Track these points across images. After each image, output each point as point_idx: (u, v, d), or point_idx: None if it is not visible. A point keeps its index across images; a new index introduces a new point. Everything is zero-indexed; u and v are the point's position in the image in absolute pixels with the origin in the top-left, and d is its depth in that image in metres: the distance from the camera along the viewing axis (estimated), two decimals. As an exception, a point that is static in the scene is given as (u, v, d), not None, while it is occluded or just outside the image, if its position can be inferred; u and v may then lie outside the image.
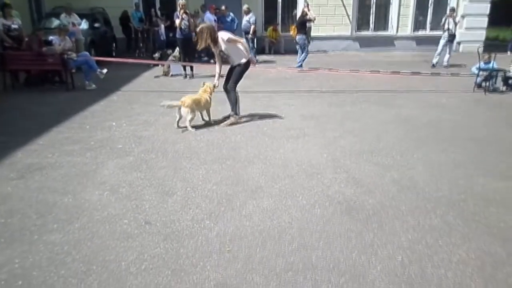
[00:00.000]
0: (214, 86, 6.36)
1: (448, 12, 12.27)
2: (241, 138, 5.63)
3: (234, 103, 6.30)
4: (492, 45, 12.68)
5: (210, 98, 6.25)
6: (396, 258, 2.97)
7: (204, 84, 6.39)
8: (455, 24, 11.94)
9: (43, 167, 4.61)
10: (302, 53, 11.39)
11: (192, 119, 5.94)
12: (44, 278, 2.74)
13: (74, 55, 8.94)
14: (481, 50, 9.18)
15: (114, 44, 14.18)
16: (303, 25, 11.53)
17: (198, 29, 6.05)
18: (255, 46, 13.38)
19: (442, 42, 12.12)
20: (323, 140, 5.57)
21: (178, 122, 6.04)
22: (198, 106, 6.07)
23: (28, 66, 9.00)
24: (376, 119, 6.64)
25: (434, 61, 12.18)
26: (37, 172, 4.47)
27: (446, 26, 11.93)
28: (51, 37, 9.53)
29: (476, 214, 3.59)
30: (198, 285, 2.68)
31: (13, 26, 9.43)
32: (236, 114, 6.34)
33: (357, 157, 4.94)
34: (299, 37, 11.42)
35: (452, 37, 11.95)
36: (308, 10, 11.44)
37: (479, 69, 8.88)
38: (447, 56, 12.11)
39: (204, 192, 4.00)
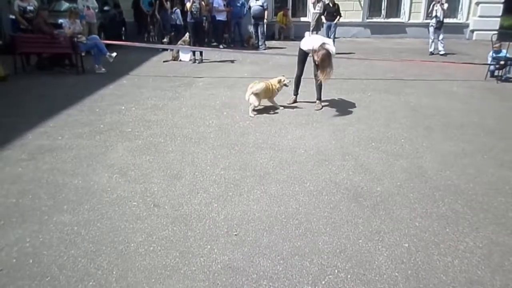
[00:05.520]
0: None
1: None
2: (250, 124, 5.63)
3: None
4: (506, 34, 12.44)
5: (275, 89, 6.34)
6: (403, 245, 2.98)
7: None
8: (443, 11, 11.67)
9: (53, 149, 4.66)
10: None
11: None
12: (54, 257, 2.80)
13: (83, 38, 8.94)
14: (494, 38, 9.02)
15: (123, 28, 14.15)
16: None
17: (322, 58, 5.79)
18: (265, 32, 13.21)
19: (431, 29, 11.90)
20: (331, 127, 5.55)
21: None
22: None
23: (38, 49, 8.99)
24: (385, 106, 6.59)
25: (431, 49, 11.99)
26: (48, 154, 4.52)
27: (434, 13, 11.70)
28: (61, 20, 9.53)
29: (485, 204, 3.57)
30: (206, 267, 2.72)
31: (29, 8, 9.41)
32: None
33: (365, 144, 4.92)
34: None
35: (440, 24, 11.68)
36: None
37: (492, 57, 8.74)
38: (440, 44, 11.86)
39: (212, 177, 4.03)
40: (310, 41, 6.21)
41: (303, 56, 6.45)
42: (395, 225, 3.23)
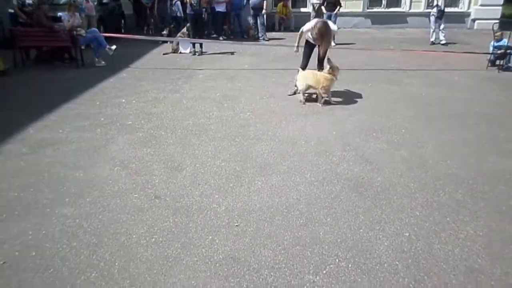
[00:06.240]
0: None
1: None
2: (250, 116, 5.63)
3: None
4: (508, 23, 12.34)
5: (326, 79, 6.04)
6: (404, 234, 2.99)
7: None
8: (444, 0, 11.59)
9: (54, 143, 4.66)
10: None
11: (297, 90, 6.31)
12: (56, 249, 2.81)
13: (83, 31, 8.90)
14: (496, 27, 8.96)
15: (123, 21, 14.09)
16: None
17: (320, 31, 5.88)
18: (265, 22, 13.13)
19: (432, 19, 11.83)
20: (332, 117, 5.54)
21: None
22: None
23: (37, 43, 8.95)
24: (386, 97, 6.58)
25: (432, 39, 11.93)
26: (49, 147, 4.53)
27: (435, 3, 11.63)
28: (60, 13, 9.48)
29: (485, 192, 3.58)
30: (207, 258, 2.73)
31: (28, 1, 9.37)
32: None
33: (366, 135, 4.92)
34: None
35: (441, 13, 11.60)
36: None
37: (494, 46, 8.68)
38: (441, 34, 11.80)
39: (213, 168, 4.03)
40: (310, 23, 6.19)
41: (308, 48, 6.40)
42: (396, 214, 3.24)
